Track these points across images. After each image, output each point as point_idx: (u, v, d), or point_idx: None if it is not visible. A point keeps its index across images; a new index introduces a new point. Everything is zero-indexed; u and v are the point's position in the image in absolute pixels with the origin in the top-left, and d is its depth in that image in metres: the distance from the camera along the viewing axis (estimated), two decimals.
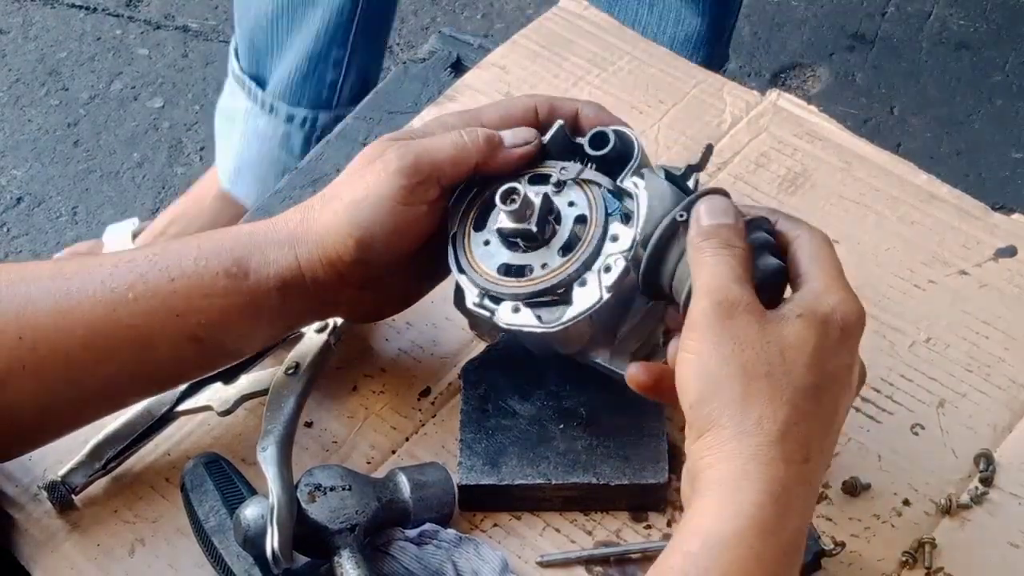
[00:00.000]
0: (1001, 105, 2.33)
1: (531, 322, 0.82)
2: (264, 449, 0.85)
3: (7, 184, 2.27)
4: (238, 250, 0.85)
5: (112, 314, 0.83)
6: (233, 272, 0.84)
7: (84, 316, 0.83)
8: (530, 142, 0.87)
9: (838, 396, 0.75)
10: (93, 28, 2.50)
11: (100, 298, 0.83)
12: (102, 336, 0.83)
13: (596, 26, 1.23)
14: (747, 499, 0.70)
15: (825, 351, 0.74)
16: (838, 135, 1.14)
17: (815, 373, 0.73)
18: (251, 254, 0.85)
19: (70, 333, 0.83)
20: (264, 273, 0.84)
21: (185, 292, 0.84)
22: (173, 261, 0.84)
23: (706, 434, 0.72)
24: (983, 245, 1.06)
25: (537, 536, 0.91)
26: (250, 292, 0.84)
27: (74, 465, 0.91)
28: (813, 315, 0.74)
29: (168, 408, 0.92)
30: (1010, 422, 0.96)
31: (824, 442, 0.74)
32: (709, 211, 0.78)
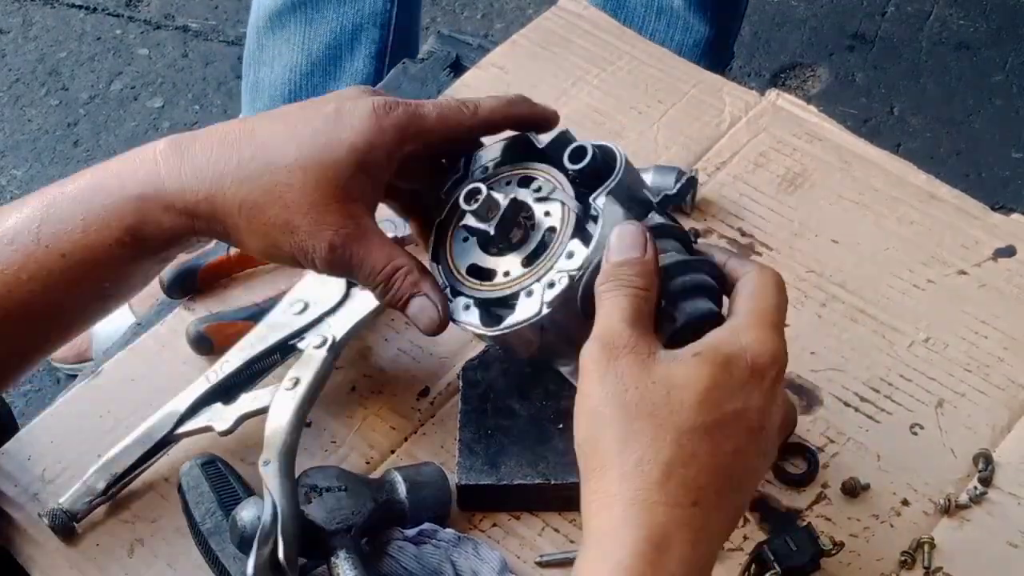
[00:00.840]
0: (1001, 105, 2.33)
1: (475, 322, 0.82)
2: (266, 463, 0.85)
3: (7, 184, 2.27)
4: (128, 217, 0.81)
5: (10, 295, 0.81)
6: (126, 242, 0.81)
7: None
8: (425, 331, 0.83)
9: (740, 438, 0.71)
10: (93, 28, 2.50)
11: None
12: (5, 311, 0.82)
13: (595, 26, 1.23)
14: (626, 549, 0.68)
15: (722, 391, 0.70)
16: (838, 135, 1.14)
17: (707, 413, 0.70)
18: (144, 224, 0.81)
19: None
20: (159, 240, 0.82)
21: (80, 266, 0.82)
22: (60, 237, 0.81)
23: (591, 478, 0.71)
24: (982, 245, 1.06)
25: (536, 536, 0.91)
26: (145, 255, 0.83)
27: (75, 492, 0.90)
28: (714, 354, 0.71)
29: (168, 431, 0.92)
30: (1009, 422, 0.95)
31: (721, 485, 0.70)
32: (617, 248, 0.76)
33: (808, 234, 1.07)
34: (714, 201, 1.09)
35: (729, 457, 0.71)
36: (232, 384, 0.93)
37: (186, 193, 0.81)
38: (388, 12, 1.61)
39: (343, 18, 1.60)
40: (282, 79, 1.63)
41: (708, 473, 0.70)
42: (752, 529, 0.90)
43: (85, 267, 0.82)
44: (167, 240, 0.82)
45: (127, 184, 0.81)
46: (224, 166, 0.81)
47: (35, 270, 0.81)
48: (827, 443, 0.94)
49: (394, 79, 1.25)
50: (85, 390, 0.99)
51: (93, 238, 0.81)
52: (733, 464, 0.71)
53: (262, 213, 0.80)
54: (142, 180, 0.81)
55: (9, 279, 0.81)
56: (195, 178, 0.81)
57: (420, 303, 0.82)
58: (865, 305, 1.02)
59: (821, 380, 0.98)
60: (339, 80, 1.61)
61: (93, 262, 0.82)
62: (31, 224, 0.82)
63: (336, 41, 1.61)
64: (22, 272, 0.81)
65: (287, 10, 1.61)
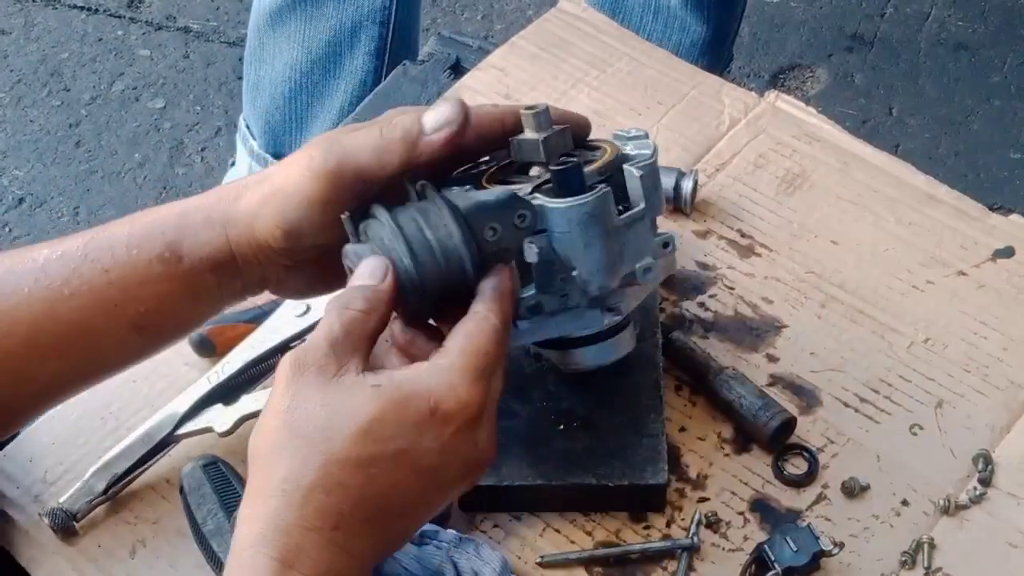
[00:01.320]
0: (999, 106, 2.33)
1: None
2: None
3: (9, 184, 2.27)
4: (169, 234, 0.83)
5: (51, 312, 0.82)
6: (166, 257, 0.82)
7: (23, 315, 0.82)
8: (452, 121, 0.81)
9: (399, 474, 0.71)
10: (95, 29, 2.50)
11: (37, 296, 0.82)
12: (44, 333, 0.82)
13: (595, 28, 1.23)
14: (257, 570, 0.68)
15: (388, 427, 0.71)
16: (837, 136, 1.14)
17: (363, 446, 0.70)
18: (183, 237, 0.83)
19: (10, 333, 0.82)
20: (197, 256, 0.82)
21: (121, 283, 0.82)
22: (105, 251, 0.83)
23: (248, 487, 0.71)
24: (981, 246, 1.06)
25: (537, 537, 0.91)
26: (184, 276, 0.83)
27: (75, 492, 0.91)
28: (394, 389, 0.72)
29: (168, 432, 0.92)
30: (1008, 422, 0.96)
31: (370, 514, 0.71)
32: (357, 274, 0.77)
33: (807, 235, 1.07)
34: (714, 202, 1.09)
35: (384, 489, 0.71)
36: (233, 385, 0.94)
37: (221, 200, 0.83)
38: (388, 9, 1.61)
39: (343, 15, 1.61)
40: (282, 76, 1.63)
41: (354, 503, 0.70)
42: (752, 529, 0.91)
43: (126, 285, 0.82)
44: (205, 258, 0.83)
45: (173, 206, 0.85)
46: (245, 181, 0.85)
47: (77, 285, 0.82)
48: (827, 444, 0.95)
49: (394, 81, 1.25)
50: (86, 392, 0.99)
51: (135, 254, 0.82)
52: (388, 496, 0.72)
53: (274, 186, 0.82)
54: (185, 202, 0.85)
55: (53, 293, 0.82)
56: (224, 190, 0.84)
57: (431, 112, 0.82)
58: (864, 306, 1.03)
59: (821, 381, 0.98)
60: (339, 77, 1.61)
61: (134, 279, 0.82)
62: (82, 239, 0.84)
63: (336, 38, 1.61)
64: (65, 287, 0.82)
65: (287, 8, 1.61)
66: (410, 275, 0.78)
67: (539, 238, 0.80)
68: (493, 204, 0.80)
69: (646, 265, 0.83)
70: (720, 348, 1.00)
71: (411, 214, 0.79)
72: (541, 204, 0.80)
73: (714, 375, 0.96)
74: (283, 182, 0.82)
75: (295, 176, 0.81)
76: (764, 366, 0.99)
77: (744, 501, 0.92)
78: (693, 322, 1.02)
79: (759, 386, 0.96)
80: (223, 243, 0.82)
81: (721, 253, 1.06)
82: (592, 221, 0.80)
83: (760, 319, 1.02)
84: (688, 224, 1.08)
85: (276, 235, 0.81)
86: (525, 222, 0.79)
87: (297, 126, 1.65)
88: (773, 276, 1.05)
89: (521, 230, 0.80)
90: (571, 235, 0.80)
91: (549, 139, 0.82)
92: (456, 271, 0.78)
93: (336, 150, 0.81)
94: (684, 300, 1.03)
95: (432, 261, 0.78)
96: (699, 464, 0.94)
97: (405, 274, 0.78)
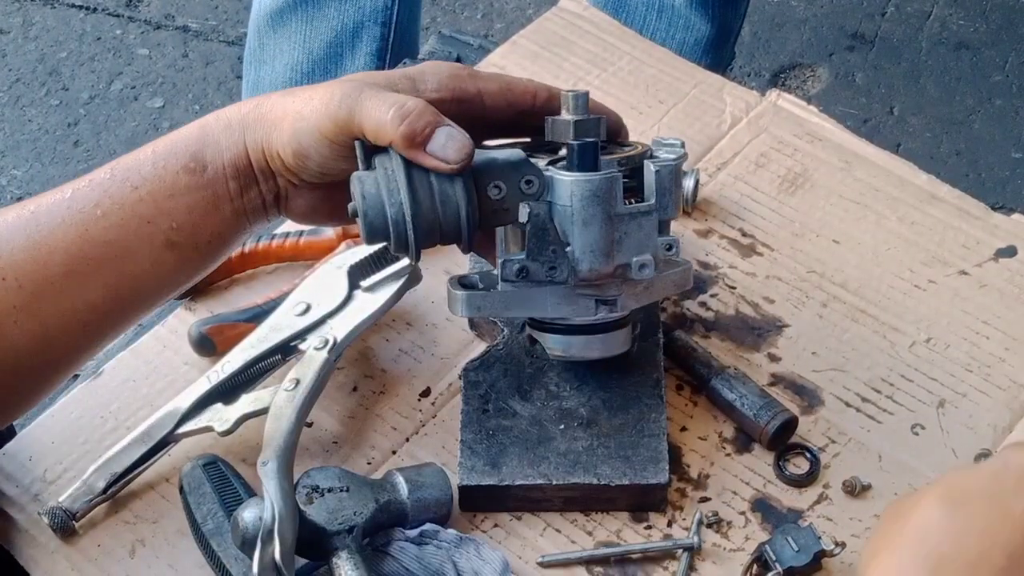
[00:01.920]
0: (1001, 105, 2.33)
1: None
2: (265, 463, 0.85)
3: (7, 184, 2.27)
4: (192, 144, 0.85)
5: (85, 234, 0.84)
6: (191, 167, 0.85)
7: (58, 243, 0.84)
8: (454, 163, 0.80)
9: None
10: (93, 28, 2.50)
11: (70, 222, 0.84)
12: (79, 259, 0.84)
13: (596, 26, 1.23)
14: None
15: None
16: (838, 135, 1.14)
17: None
18: (205, 145, 0.85)
19: (48, 263, 0.83)
20: (219, 163, 0.85)
21: (150, 198, 0.84)
22: (132, 170, 0.85)
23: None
24: (983, 245, 1.06)
25: (537, 536, 0.91)
26: (209, 184, 0.85)
27: (74, 491, 0.90)
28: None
29: (168, 431, 0.92)
30: (1010, 422, 0.96)
31: None
32: None
33: (809, 234, 1.07)
34: (715, 201, 1.09)
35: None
36: (233, 384, 0.93)
37: (242, 108, 0.87)
38: (389, 10, 1.61)
39: (344, 16, 1.61)
40: (283, 77, 1.63)
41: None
42: (754, 529, 0.90)
43: (155, 199, 0.85)
44: (227, 163, 0.85)
45: (194, 123, 0.87)
46: (269, 94, 0.88)
47: (109, 205, 0.84)
48: (828, 443, 0.94)
49: None
50: (86, 390, 0.99)
51: (161, 167, 0.85)
52: None
53: (296, 105, 0.85)
54: (206, 116, 0.88)
55: (85, 216, 0.84)
56: (247, 101, 0.87)
57: (446, 132, 0.81)
58: (866, 305, 1.02)
59: (822, 380, 0.98)
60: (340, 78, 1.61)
61: (163, 193, 0.85)
62: (109, 166, 0.87)
63: (337, 39, 1.61)
64: (97, 208, 0.84)
65: (288, 8, 1.61)
66: (403, 208, 0.80)
67: (539, 204, 0.82)
68: (502, 163, 0.82)
69: (643, 261, 0.84)
70: (721, 347, 1.00)
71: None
72: (551, 175, 0.82)
73: (715, 375, 0.96)
74: (303, 106, 0.84)
75: (314, 106, 0.84)
76: (765, 365, 0.99)
77: (745, 501, 0.92)
78: (694, 321, 1.02)
79: (760, 386, 0.96)
80: (241, 148, 0.85)
81: (722, 252, 1.06)
82: (595, 200, 0.81)
83: (761, 318, 1.02)
84: (689, 223, 1.08)
85: (287, 152, 0.84)
86: (532, 188, 0.82)
87: None
88: (774, 275, 1.04)
89: (527, 196, 0.81)
90: (571, 209, 0.82)
91: (581, 122, 0.84)
92: (451, 218, 0.81)
93: (350, 101, 0.83)
94: (685, 299, 1.03)
95: (429, 201, 0.81)
96: (700, 464, 0.94)
97: (398, 207, 0.80)
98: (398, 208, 0.81)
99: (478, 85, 0.87)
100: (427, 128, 0.81)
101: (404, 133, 0.81)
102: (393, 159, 0.82)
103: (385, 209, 0.81)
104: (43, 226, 0.84)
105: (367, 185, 0.82)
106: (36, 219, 0.84)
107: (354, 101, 0.83)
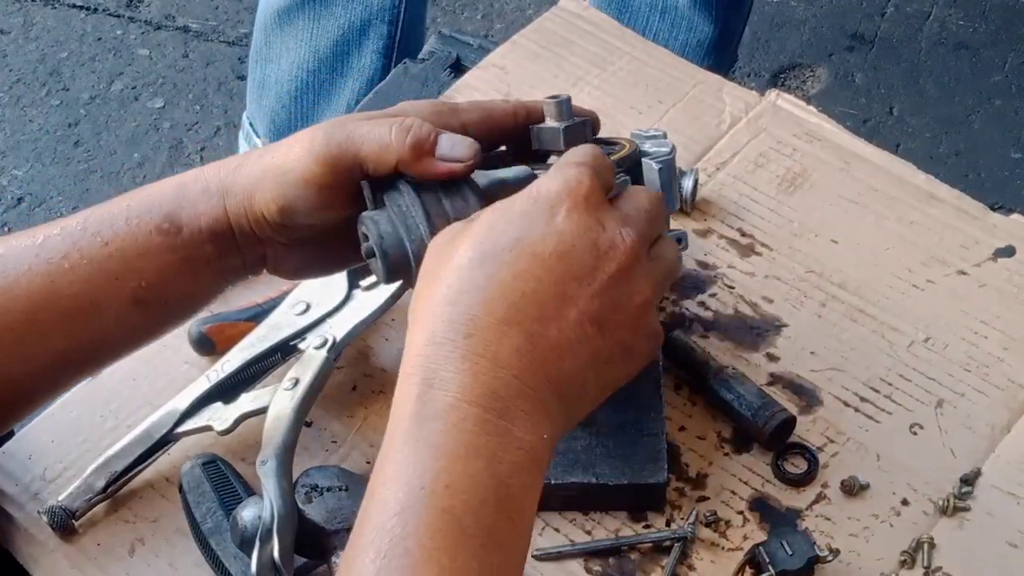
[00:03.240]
0: (1000, 105, 2.33)
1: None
2: (264, 462, 0.85)
3: (8, 184, 2.27)
4: (167, 204, 0.83)
5: (51, 285, 0.82)
6: (165, 228, 0.83)
7: (22, 290, 0.82)
8: (466, 160, 0.81)
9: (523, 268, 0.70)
10: (94, 28, 2.50)
11: (37, 270, 0.82)
12: (44, 309, 0.82)
13: (596, 26, 1.23)
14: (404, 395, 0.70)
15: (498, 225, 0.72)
16: (837, 135, 1.14)
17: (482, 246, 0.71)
18: (181, 208, 0.83)
19: (10, 309, 0.82)
20: (195, 226, 0.83)
21: (120, 254, 0.82)
22: (104, 224, 0.83)
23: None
24: (982, 245, 1.06)
25: (536, 536, 0.90)
26: (184, 246, 0.83)
27: (74, 489, 0.90)
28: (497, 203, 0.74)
29: (168, 430, 0.92)
30: (1008, 422, 0.96)
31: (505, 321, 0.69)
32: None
33: (808, 234, 1.07)
34: (714, 201, 1.09)
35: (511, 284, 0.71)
36: (232, 384, 0.94)
37: (221, 170, 0.84)
38: (396, 8, 1.61)
39: (351, 14, 1.61)
40: (288, 75, 1.63)
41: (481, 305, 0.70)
42: (752, 529, 0.90)
43: (125, 256, 0.83)
44: (204, 228, 0.83)
45: (171, 179, 0.85)
46: (246, 153, 0.86)
47: (77, 259, 0.82)
48: (827, 443, 0.95)
49: (395, 80, 1.25)
50: (86, 389, 0.99)
51: (134, 225, 0.83)
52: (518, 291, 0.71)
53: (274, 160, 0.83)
54: (183, 175, 0.85)
55: (52, 267, 0.82)
56: (225, 162, 0.85)
57: (448, 136, 0.82)
58: (865, 305, 1.03)
59: (821, 380, 0.98)
60: (346, 76, 1.61)
61: (133, 251, 0.83)
62: (81, 216, 0.84)
63: (344, 37, 1.61)
64: (65, 260, 0.82)
65: (295, 6, 1.61)
66: (425, 242, 0.79)
67: None
68: (512, 181, 0.83)
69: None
70: (720, 347, 1.00)
71: (432, 185, 0.82)
72: None
73: (714, 374, 0.96)
74: (283, 159, 0.82)
75: (296, 154, 0.82)
76: (764, 365, 0.99)
77: (743, 500, 0.92)
78: (693, 321, 1.02)
79: (759, 385, 0.96)
80: (221, 213, 0.83)
81: (721, 252, 1.06)
82: None
83: (760, 318, 1.02)
84: (688, 223, 1.08)
85: (271, 210, 0.82)
86: None
87: (303, 125, 1.65)
88: (773, 275, 1.05)
89: None
90: None
91: (569, 128, 0.85)
92: None
93: (339, 136, 0.82)
94: (684, 299, 1.03)
95: None
96: (699, 463, 0.94)
97: (419, 241, 0.80)
98: (419, 244, 0.80)
99: (461, 119, 0.86)
100: (431, 135, 0.81)
101: (412, 144, 0.80)
102: (405, 195, 0.81)
103: (406, 247, 0.81)
104: (9, 271, 0.82)
105: (383, 225, 0.81)
106: (3, 262, 0.83)
107: (344, 134, 0.81)
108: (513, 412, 0.68)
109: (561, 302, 0.71)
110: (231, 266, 0.86)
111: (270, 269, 0.88)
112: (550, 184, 0.73)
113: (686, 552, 0.89)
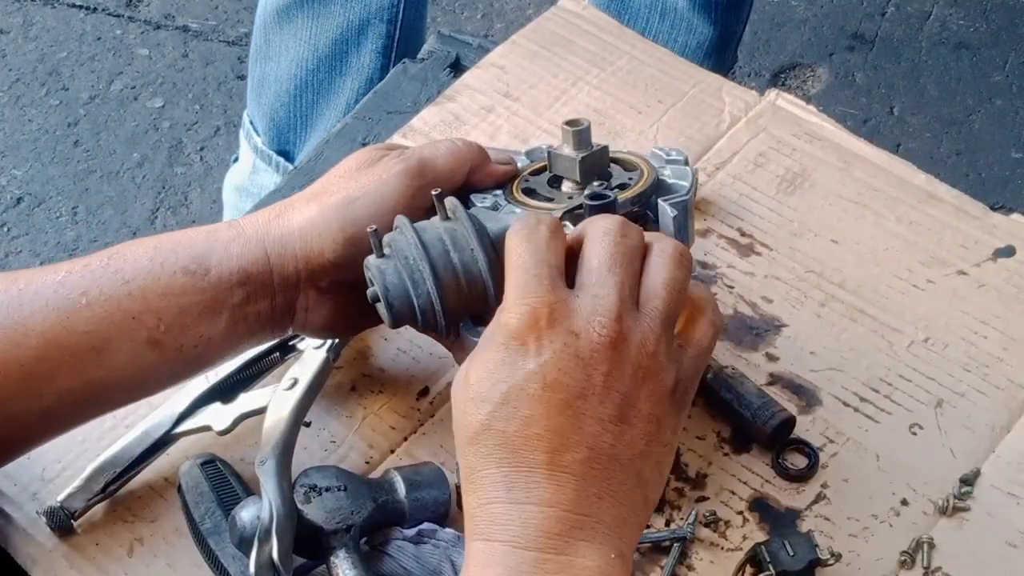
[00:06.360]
0: (1001, 105, 2.33)
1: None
2: (263, 462, 0.85)
3: (7, 184, 2.27)
4: (197, 247, 0.82)
5: (66, 322, 0.80)
6: (192, 269, 0.81)
7: (37, 326, 0.80)
8: (510, 163, 0.92)
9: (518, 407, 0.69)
10: (93, 28, 2.50)
11: (53, 306, 0.80)
12: (56, 346, 0.80)
13: (595, 26, 1.23)
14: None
15: (490, 364, 0.71)
16: (837, 135, 1.14)
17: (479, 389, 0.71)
18: (211, 250, 0.82)
19: (23, 344, 0.80)
20: (225, 268, 0.82)
21: (140, 293, 0.81)
22: (128, 263, 0.82)
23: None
24: (982, 245, 1.06)
25: None
26: (210, 288, 0.82)
27: (73, 490, 0.90)
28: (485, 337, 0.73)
29: (167, 430, 0.92)
30: (1008, 422, 0.96)
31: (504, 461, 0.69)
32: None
33: (807, 234, 1.07)
34: (714, 201, 1.09)
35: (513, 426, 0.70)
36: (231, 384, 0.94)
37: (258, 219, 0.84)
38: (395, 7, 1.61)
39: (351, 13, 1.60)
40: (288, 74, 1.63)
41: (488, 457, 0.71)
42: (752, 529, 0.90)
43: (145, 295, 0.81)
44: (235, 270, 0.82)
45: (200, 228, 0.85)
46: (284, 202, 0.87)
47: (96, 295, 0.81)
48: (826, 443, 0.94)
49: (394, 79, 1.25)
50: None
51: (159, 264, 0.81)
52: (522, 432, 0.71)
53: (321, 203, 0.85)
54: (211, 225, 0.85)
55: (70, 303, 0.80)
56: (263, 212, 0.86)
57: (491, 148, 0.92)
58: (864, 305, 1.02)
59: (820, 380, 0.98)
60: (345, 75, 1.61)
61: (155, 290, 0.81)
62: (107, 253, 0.83)
63: (343, 36, 1.61)
64: (84, 296, 0.81)
65: (295, 5, 1.60)
66: (431, 297, 0.79)
67: None
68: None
69: None
70: (719, 347, 1.00)
71: (438, 233, 0.81)
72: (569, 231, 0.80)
73: (713, 374, 0.96)
74: (351, 191, 0.85)
75: (370, 180, 0.85)
76: (764, 365, 0.99)
77: (743, 500, 0.92)
78: None
79: (758, 385, 0.96)
80: (259, 255, 0.83)
81: (721, 252, 1.06)
82: None
83: (760, 318, 1.02)
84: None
85: (336, 240, 0.83)
86: None
87: (303, 123, 1.65)
88: (773, 275, 1.04)
89: None
90: None
91: (586, 159, 0.84)
92: (478, 296, 0.80)
93: (415, 152, 0.87)
94: None
95: (455, 284, 0.80)
96: (698, 463, 0.94)
97: (426, 296, 0.79)
98: (426, 298, 0.80)
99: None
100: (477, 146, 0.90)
101: (479, 149, 0.89)
102: (411, 248, 0.80)
103: (412, 299, 0.81)
104: (25, 306, 0.80)
105: (388, 276, 0.81)
106: (21, 298, 0.81)
107: (417, 152, 0.87)
108: (573, 545, 0.68)
109: (576, 422, 0.69)
110: (256, 313, 0.84)
111: (297, 321, 0.87)
112: (510, 321, 0.71)
113: (685, 552, 0.89)
